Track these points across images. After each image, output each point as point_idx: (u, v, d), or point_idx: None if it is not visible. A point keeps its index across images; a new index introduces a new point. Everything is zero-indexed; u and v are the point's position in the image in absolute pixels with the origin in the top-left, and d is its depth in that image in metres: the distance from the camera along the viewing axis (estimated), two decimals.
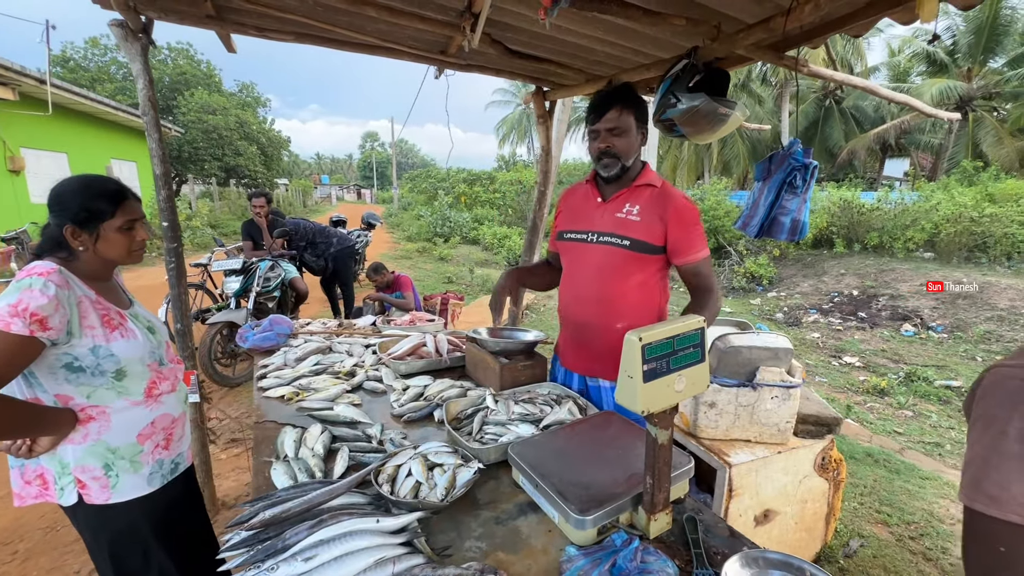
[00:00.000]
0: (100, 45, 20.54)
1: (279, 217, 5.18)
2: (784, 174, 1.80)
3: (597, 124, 1.54)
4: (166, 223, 2.23)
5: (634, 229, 1.56)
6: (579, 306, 1.69)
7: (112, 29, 2.05)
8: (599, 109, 1.53)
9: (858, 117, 21.04)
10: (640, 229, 1.56)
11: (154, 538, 1.38)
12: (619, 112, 1.51)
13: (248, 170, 21.12)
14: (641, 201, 1.58)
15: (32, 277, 1.16)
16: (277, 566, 0.94)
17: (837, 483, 2.23)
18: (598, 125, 1.54)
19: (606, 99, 1.53)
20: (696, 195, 12.94)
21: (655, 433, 0.99)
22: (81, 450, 1.26)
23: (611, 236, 1.60)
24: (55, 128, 10.56)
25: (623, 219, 1.58)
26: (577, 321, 1.71)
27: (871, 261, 9.59)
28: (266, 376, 1.95)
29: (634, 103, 1.53)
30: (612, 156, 1.55)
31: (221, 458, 3.14)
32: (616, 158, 1.55)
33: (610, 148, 1.54)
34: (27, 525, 2.50)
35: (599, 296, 1.63)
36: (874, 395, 4.85)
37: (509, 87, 35.59)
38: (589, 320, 1.67)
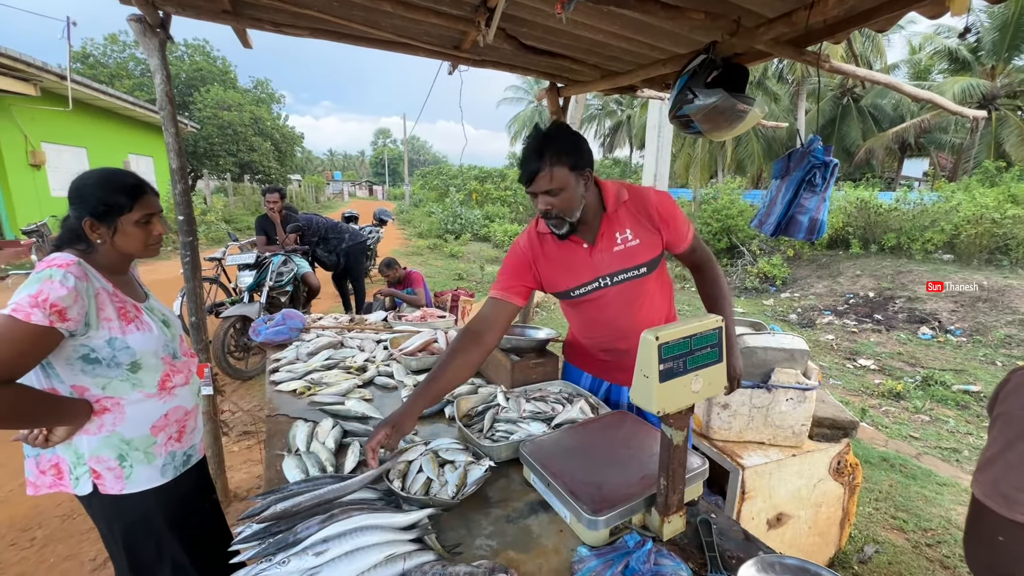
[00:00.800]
0: (119, 41, 20.85)
1: (292, 213, 5.21)
2: (803, 172, 1.76)
3: (529, 188, 1.39)
4: (182, 217, 2.25)
5: (640, 253, 1.49)
6: (622, 339, 1.58)
7: (131, 24, 2.06)
8: (526, 173, 1.37)
9: (876, 116, 20.66)
10: (644, 250, 1.49)
11: (167, 529, 1.39)
12: (549, 172, 1.34)
13: (262, 166, 21.35)
14: (627, 222, 1.49)
15: (52, 268, 1.17)
16: (288, 559, 0.94)
17: (852, 488, 2.19)
18: (531, 188, 1.38)
19: (532, 160, 1.35)
20: (709, 194, 12.80)
21: (670, 434, 0.97)
22: (96, 441, 1.27)
23: (623, 272, 1.50)
24: (75, 123, 10.74)
25: (624, 250, 1.49)
26: (623, 349, 1.59)
27: (888, 262, 9.42)
28: (278, 370, 1.96)
29: (566, 151, 1.35)
30: (556, 217, 1.41)
31: (233, 450, 3.17)
32: (561, 218, 1.41)
33: (551, 210, 1.39)
34: (44, 513, 2.54)
35: (639, 323, 1.53)
36: (890, 399, 4.77)
37: (521, 84, 35.51)
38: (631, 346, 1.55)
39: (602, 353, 1.68)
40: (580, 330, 1.72)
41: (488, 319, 1.49)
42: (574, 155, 1.35)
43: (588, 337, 1.69)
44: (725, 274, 9.72)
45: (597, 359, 1.71)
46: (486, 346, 1.45)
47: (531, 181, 1.36)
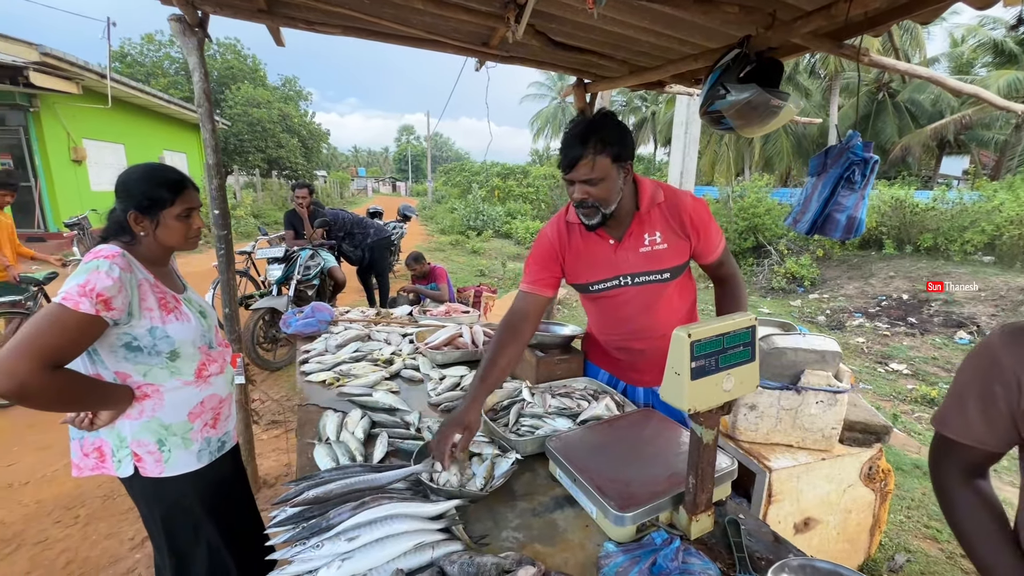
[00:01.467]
0: (155, 41, 21.54)
1: (320, 208, 5.32)
2: (841, 169, 1.71)
3: (569, 174, 1.36)
4: (217, 211, 2.31)
5: (666, 259, 1.47)
6: (636, 339, 1.60)
7: (171, 24, 2.13)
8: (568, 158, 1.34)
9: (914, 111, 19.88)
10: (671, 256, 1.47)
11: (203, 512, 1.45)
12: (592, 160, 1.31)
13: (289, 162, 21.79)
14: (658, 225, 1.46)
15: (99, 259, 1.22)
16: (321, 544, 0.97)
17: (884, 494, 2.13)
18: (570, 175, 1.36)
19: (576, 146, 1.32)
20: (736, 192, 12.52)
21: (700, 432, 0.97)
22: (137, 425, 1.33)
23: (646, 275, 1.49)
24: (114, 120, 11.13)
25: (650, 253, 1.46)
26: (638, 349, 1.62)
27: (924, 264, 9.08)
28: (308, 361, 2.01)
29: (610, 141, 1.32)
30: (591, 207, 1.38)
31: (263, 438, 3.26)
32: (595, 208, 1.38)
33: (586, 199, 1.36)
34: (87, 493, 2.66)
35: (656, 326, 1.56)
36: (923, 404, 4.61)
37: (545, 80, 35.33)
38: (651, 345, 1.59)
39: (617, 352, 1.68)
40: (596, 326, 1.72)
41: (522, 312, 1.51)
42: (618, 146, 1.33)
43: (604, 333, 1.70)
44: (751, 274, 9.42)
45: (613, 357, 1.71)
46: (524, 338, 1.49)
47: (572, 167, 1.34)
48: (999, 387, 0.80)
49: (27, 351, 1.09)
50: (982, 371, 0.84)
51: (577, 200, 1.38)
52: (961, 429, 0.86)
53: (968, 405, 0.85)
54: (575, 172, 1.34)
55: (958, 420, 0.86)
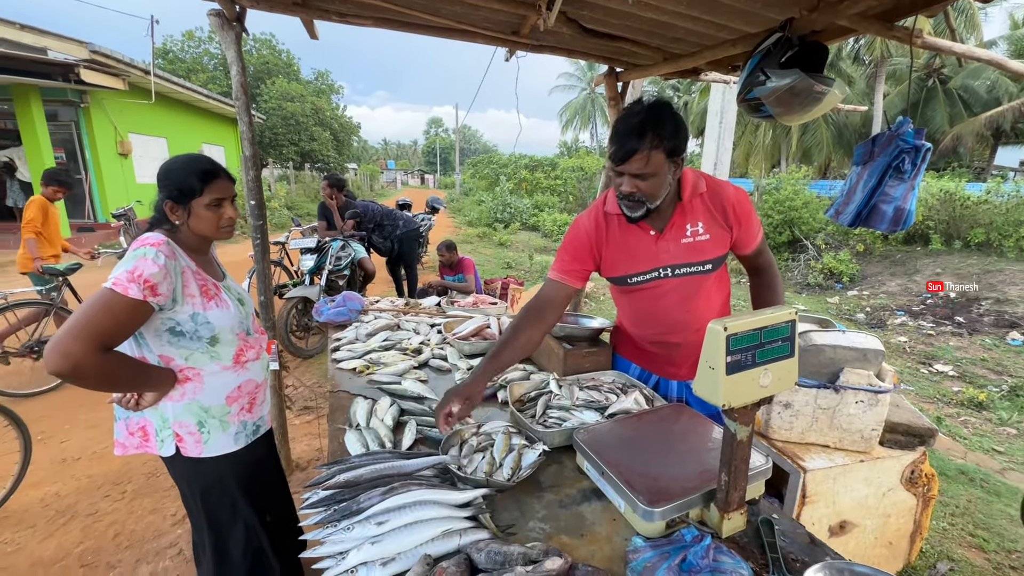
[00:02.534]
0: (194, 37, 22.24)
1: (351, 199, 5.41)
2: (889, 157, 1.62)
3: (620, 166, 1.31)
4: (253, 202, 2.38)
5: (708, 250, 1.44)
6: (672, 333, 1.57)
7: (210, 19, 2.19)
8: (622, 150, 1.28)
9: (967, 99, 18.75)
10: (713, 246, 1.44)
11: (239, 492, 1.50)
12: (647, 155, 1.26)
13: (321, 155, 22.24)
14: (700, 216, 1.43)
15: (145, 247, 1.27)
16: (352, 527, 0.99)
17: (927, 499, 2.04)
18: (622, 167, 1.30)
19: (632, 138, 1.26)
20: (771, 184, 12.12)
21: (734, 429, 0.94)
22: (179, 407, 1.38)
23: (688, 266, 1.45)
24: (157, 115, 11.59)
25: (692, 244, 1.43)
26: (673, 342, 1.59)
27: (974, 260, 8.60)
28: (339, 349, 2.05)
29: (667, 135, 1.27)
30: (637, 200, 1.34)
31: (295, 423, 3.37)
32: (642, 203, 1.34)
33: (635, 193, 1.32)
34: (134, 470, 2.81)
35: (693, 319, 1.52)
36: (970, 408, 4.38)
37: (574, 71, 34.89)
38: (687, 339, 1.56)
39: (651, 346, 1.65)
40: (630, 320, 1.68)
41: (548, 299, 1.49)
42: (674, 140, 1.28)
43: (638, 327, 1.66)
44: (785, 269, 9.15)
45: (646, 351, 1.67)
46: (547, 324, 1.48)
47: (625, 160, 1.28)
48: None
49: (81, 333, 1.15)
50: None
51: (625, 193, 1.34)
52: None
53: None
54: (628, 165, 1.29)
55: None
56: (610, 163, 1.34)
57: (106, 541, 2.29)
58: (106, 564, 2.15)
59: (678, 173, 1.36)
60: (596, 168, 17.80)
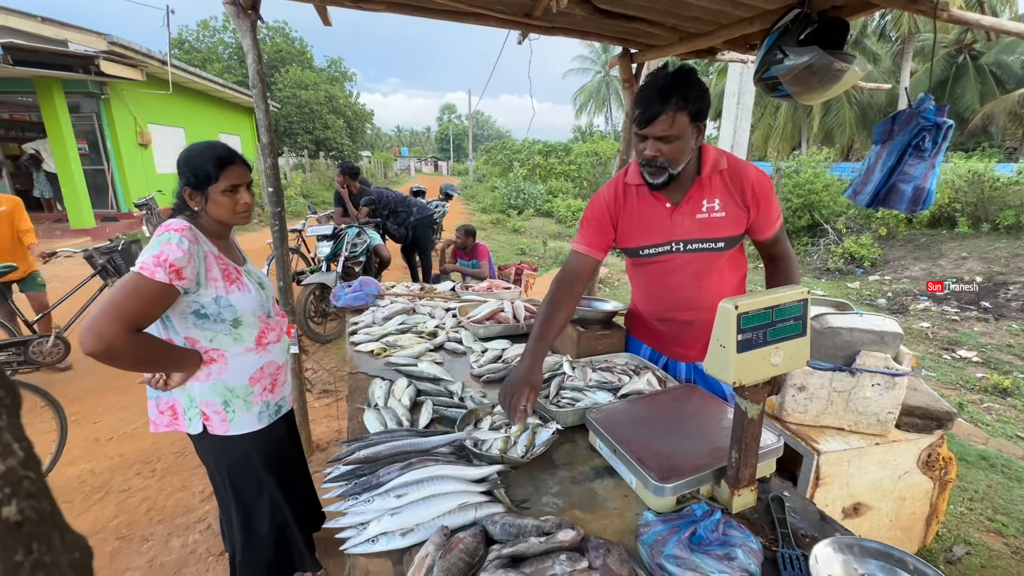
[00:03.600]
0: (209, 27, 22.35)
1: (366, 187, 5.45)
2: (909, 136, 1.58)
3: (644, 129, 1.31)
4: (271, 188, 2.42)
5: (723, 227, 1.43)
6: (681, 310, 1.57)
7: (226, 7, 2.21)
8: (647, 112, 1.29)
9: (999, 75, 17.98)
10: (728, 224, 1.43)
11: (264, 469, 1.56)
12: (671, 117, 1.27)
13: (335, 143, 22.32)
14: (718, 193, 1.43)
15: (170, 232, 1.32)
16: (372, 499, 1.03)
17: (944, 483, 2.03)
18: (646, 130, 1.31)
19: (656, 100, 1.27)
20: (790, 167, 11.83)
21: (745, 407, 0.95)
22: (206, 387, 1.44)
23: (701, 242, 1.45)
24: (174, 105, 11.74)
25: (707, 220, 1.43)
26: (682, 320, 1.59)
27: (1003, 244, 8.33)
28: (357, 332, 2.10)
29: (692, 99, 1.28)
30: (659, 166, 1.35)
31: (315, 406, 3.45)
32: (664, 168, 1.35)
33: (657, 157, 1.33)
34: (163, 449, 2.92)
35: (702, 298, 1.52)
36: (994, 395, 4.30)
37: (588, 54, 34.28)
38: (695, 318, 1.56)
39: (659, 324, 1.65)
40: (641, 295, 1.69)
41: (576, 271, 1.54)
42: (697, 104, 1.29)
43: (647, 303, 1.67)
44: (804, 254, 8.98)
45: (656, 330, 1.68)
46: (576, 296, 1.53)
47: (649, 122, 1.29)
48: None
49: (112, 315, 1.20)
50: None
51: (648, 158, 1.35)
52: None
53: None
54: (652, 127, 1.29)
55: None
56: (634, 128, 1.35)
57: (139, 516, 2.40)
58: (140, 537, 2.26)
59: (700, 140, 1.37)
60: (611, 153, 17.55)
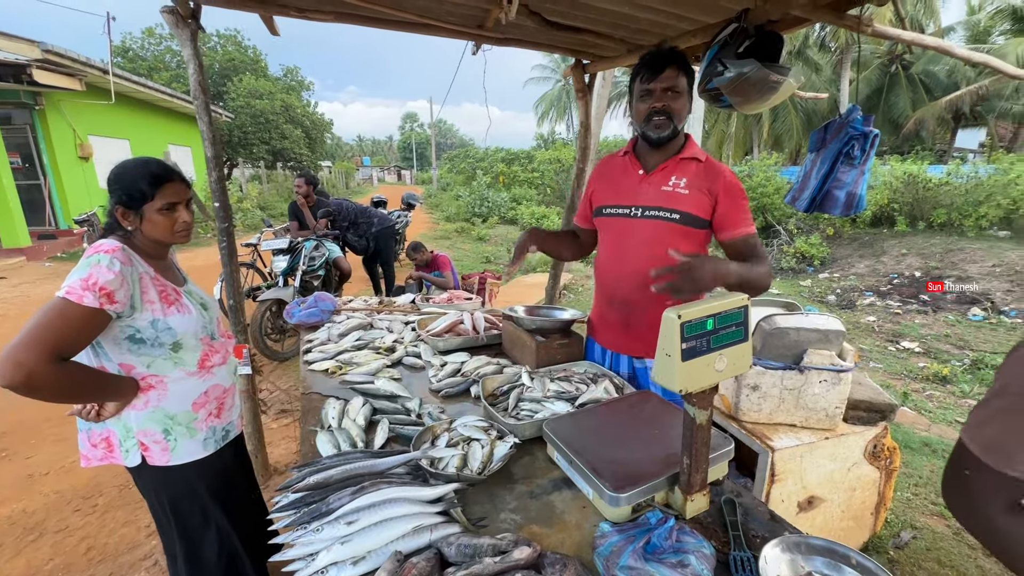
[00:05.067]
0: (155, 35, 21.45)
1: (324, 198, 5.33)
2: (840, 144, 1.67)
3: (652, 83, 1.46)
4: (217, 204, 2.33)
5: (683, 202, 1.51)
6: (625, 284, 1.61)
7: (164, 16, 2.12)
8: (655, 67, 1.45)
9: (928, 83, 19.32)
10: (689, 202, 1.50)
11: (211, 499, 1.48)
12: (676, 71, 1.45)
13: (294, 153, 21.76)
14: (688, 174, 1.53)
15: (100, 254, 1.24)
16: (322, 528, 0.99)
17: (889, 472, 2.13)
18: (654, 84, 1.45)
19: (663, 57, 1.45)
20: (744, 171, 12.34)
21: (693, 413, 0.97)
22: (143, 416, 1.36)
23: (658, 210, 1.53)
24: (118, 116, 11.18)
25: (670, 192, 1.52)
26: (622, 299, 1.64)
27: (937, 240, 8.92)
28: (311, 350, 2.03)
29: (688, 67, 1.49)
30: (666, 115, 1.47)
31: (272, 427, 3.32)
32: (669, 118, 1.47)
33: (665, 107, 1.46)
34: (104, 483, 2.74)
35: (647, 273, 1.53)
36: (934, 383, 4.57)
37: (548, 63, 34.79)
38: (636, 299, 1.60)
39: (610, 308, 1.70)
40: (601, 267, 1.75)
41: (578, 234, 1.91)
42: (691, 77, 1.52)
43: (603, 275, 1.74)
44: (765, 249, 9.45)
45: (607, 320, 1.73)
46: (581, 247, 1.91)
47: (660, 71, 1.44)
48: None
49: (34, 343, 1.12)
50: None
51: (657, 108, 1.47)
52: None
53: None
54: (662, 77, 1.45)
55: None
56: (639, 86, 1.51)
57: (77, 557, 2.23)
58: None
59: (690, 111, 1.55)
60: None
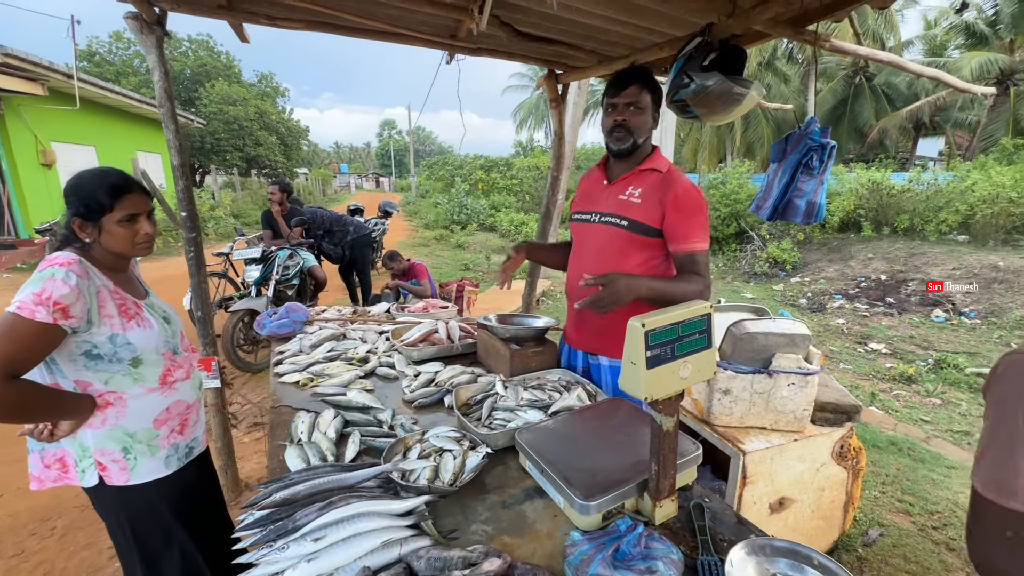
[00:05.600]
0: (123, 39, 20.95)
1: (297, 206, 5.25)
2: (800, 155, 1.73)
3: (616, 98, 1.58)
4: (184, 213, 2.27)
5: (633, 211, 1.60)
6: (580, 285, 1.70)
7: (127, 22, 2.07)
8: (619, 84, 1.58)
9: (890, 94, 20.14)
10: (639, 211, 1.60)
11: (173, 517, 1.43)
12: (639, 89, 1.56)
13: (268, 160, 21.42)
14: (644, 185, 1.62)
15: (54, 267, 1.20)
16: (288, 545, 0.97)
17: (856, 471, 2.19)
18: (616, 99, 1.58)
19: (627, 75, 1.59)
20: (717, 179, 12.61)
21: (660, 420, 0.98)
22: (100, 434, 1.31)
23: (611, 216, 1.65)
24: (83, 122, 10.85)
25: (624, 201, 1.63)
26: (578, 299, 1.68)
27: (901, 245, 9.26)
28: (282, 362, 1.99)
29: (653, 85, 1.59)
30: (626, 129, 1.58)
31: (244, 441, 3.24)
32: (629, 132, 1.58)
33: (625, 121, 1.58)
34: (64, 504, 2.62)
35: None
36: (901, 382, 4.72)
37: (526, 71, 35.08)
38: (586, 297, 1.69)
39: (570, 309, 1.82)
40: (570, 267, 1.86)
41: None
42: (658, 94, 1.62)
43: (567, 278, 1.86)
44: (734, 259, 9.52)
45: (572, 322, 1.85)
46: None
47: (624, 87, 1.57)
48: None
49: None
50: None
51: (618, 122, 1.59)
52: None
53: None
54: (624, 93, 1.57)
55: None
56: (604, 100, 1.63)
57: None
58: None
59: (654, 126, 1.64)
60: None
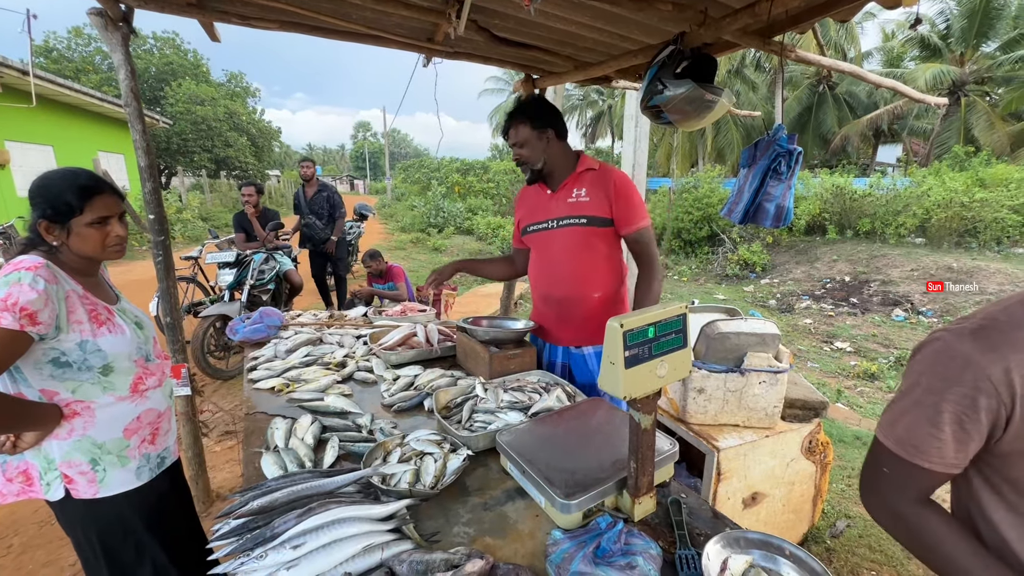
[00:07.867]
0: (84, 35, 20.14)
1: (268, 209, 5.13)
2: (768, 160, 1.80)
3: (507, 141, 1.82)
4: (152, 216, 2.21)
5: (586, 208, 1.77)
6: (557, 285, 1.87)
7: (91, 18, 2.00)
8: (503, 130, 1.84)
9: (851, 103, 20.99)
10: (591, 207, 1.76)
11: (146, 530, 1.39)
12: (516, 129, 1.78)
13: (238, 161, 20.89)
14: (586, 184, 1.79)
15: (20, 272, 1.15)
16: (266, 554, 0.95)
17: (824, 465, 2.27)
18: (508, 142, 1.82)
19: (506, 121, 1.82)
20: (689, 183, 12.90)
21: (638, 418, 1.00)
22: (67, 445, 1.26)
23: (569, 219, 1.79)
24: (40, 120, 10.36)
25: (575, 202, 1.78)
26: (557, 298, 1.88)
27: (863, 247, 9.64)
28: (256, 368, 1.95)
29: (528, 116, 1.76)
30: (524, 163, 1.82)
31: (215, 450, 3.15)
32: (526, 164, 1.81)
33: (520, 158, 1.81)
34: (22, 520, 2.50)
35: (573, 272, 1.82)
36: (864, 379, 4.91)
37: (502, 75, 35.19)
38: (568, 295, 1.85)
39: (545, 306, 1.94)
40: (533, 277, 1.99)
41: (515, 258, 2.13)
42: (536, 118, 1.76)
43: (536, 280, 1.97)
44: (706, 262, 9.72)
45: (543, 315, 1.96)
46: (516, 269, 2.14)
47: (506, 134, 1.82)
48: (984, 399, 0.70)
49: None
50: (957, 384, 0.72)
51: (515, 160, 1.84)
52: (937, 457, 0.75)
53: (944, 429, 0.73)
54: (508, 137, 1.81)
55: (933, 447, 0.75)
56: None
57: None
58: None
59: (550, 143, 1.79)
60: None
